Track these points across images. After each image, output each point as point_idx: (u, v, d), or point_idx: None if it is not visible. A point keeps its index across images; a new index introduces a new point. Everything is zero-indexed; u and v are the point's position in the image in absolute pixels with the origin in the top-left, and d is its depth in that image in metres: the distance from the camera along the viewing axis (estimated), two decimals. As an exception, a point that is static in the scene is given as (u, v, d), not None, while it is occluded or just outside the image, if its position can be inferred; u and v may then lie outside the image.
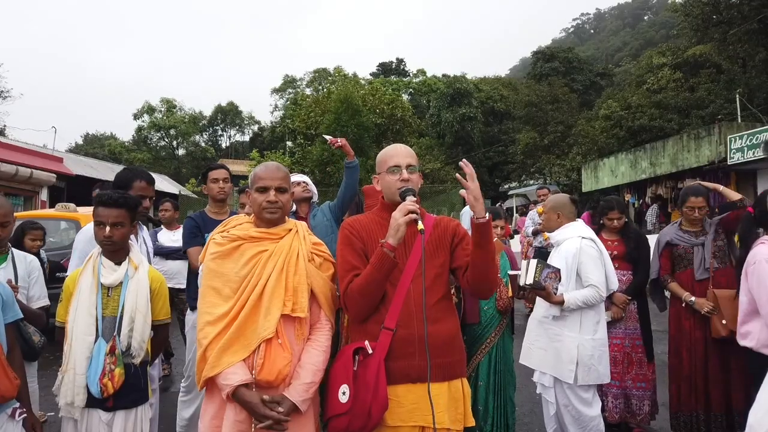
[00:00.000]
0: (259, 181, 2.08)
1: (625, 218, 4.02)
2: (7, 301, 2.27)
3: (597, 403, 3.29)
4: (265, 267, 2.03)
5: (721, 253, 3.75)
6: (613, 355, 3.80)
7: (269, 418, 1.87)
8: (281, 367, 1.94)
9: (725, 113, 21.27)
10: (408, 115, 25.38)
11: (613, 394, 3.83)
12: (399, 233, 1.92)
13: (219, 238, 2.10)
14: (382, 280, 1.96)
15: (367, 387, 1.90)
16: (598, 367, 3.24)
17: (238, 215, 2.30)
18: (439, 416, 1.94)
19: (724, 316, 3.50)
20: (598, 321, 3.32)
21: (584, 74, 36.94)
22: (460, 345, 2.13)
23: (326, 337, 2.10)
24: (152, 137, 48.97)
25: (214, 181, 3.74)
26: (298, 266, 2.06)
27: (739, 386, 3.55)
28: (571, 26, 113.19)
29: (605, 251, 3.46)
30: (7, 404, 2.16)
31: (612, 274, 3.44)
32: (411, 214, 1.91)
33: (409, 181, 2.09)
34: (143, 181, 3.05)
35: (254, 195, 2.09)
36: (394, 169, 2.11)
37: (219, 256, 2.06)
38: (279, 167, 2.15)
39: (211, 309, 2.00)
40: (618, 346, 3.88)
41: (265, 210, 2.08)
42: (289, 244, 2.09)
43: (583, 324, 3.28)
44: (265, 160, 22.58)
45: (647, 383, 3.85)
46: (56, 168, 16.11)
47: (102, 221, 2.40)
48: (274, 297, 1.99)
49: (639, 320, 3.93)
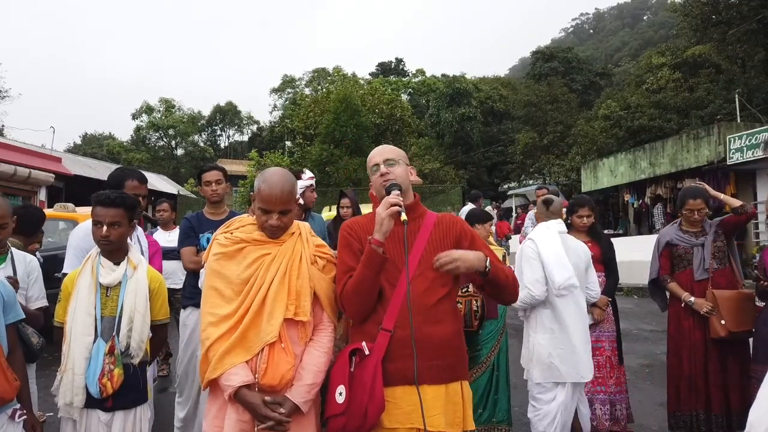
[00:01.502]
0: (262, 202, 2.04)
1: (593, 218, 4.01)
2: (8, 301, 2.27)
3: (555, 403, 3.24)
4: (269, 270, 2.02)
5: (720, 254, 3.75)
6: (596, 360, 3.77)
7: (271, 419, 1.87)
8: (284, 372, 1.94)
9: (724, 113, 21.28)
10: (407, 115, 25.32)
11: (600, 401, 3.81)
12: (384, 227, 1.94)
13: (222, 239, 2.10)
14: (373, 277, 1.96)
15: (364, 388, 1.89)
16: (559, 366, 3.22)
17: (241, 216, 2.28)
18: (435, 419, 1.92)
19: (723, 316, 3.50)
20: (558, 320, 3.28)
21: (583, 74, 36.95)
22: (461, 347, 2.10)
23: (328, 339, 2.09)
24: (151, 137, 48.94)
25: (207, 183, 3.72)
26: (301, 270, 2.05)
27: (737, 386, 3.56)
28: (571, 26, 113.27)
29: (553, 249, 3.31)
30: (7, 405, 2.16)
31: (554, 272, 3.27)
32: (393, 207, 1.92)
33: (390, 174, 2.10)
34: (135, 180, 3.05)
35: (258, 212, 2.07)
36: (374, 168, 2.15)
37: (222, 257, 2.05)
38: (284, 188, 2.03)
39: (214, 310, 2.00)
40: (600, 350, 3.86)
41: (266, 230, 2.08)
42: (292, 248, 2.08)
43: (538, 323, 3.37)
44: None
45: (622, 386, 3.87)
46: (55, 168, 16.08)
47: (99, 221, 2.40)
48: (277, 301, 1.99)
49: (615, 322, 3.96)
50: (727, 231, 3.78)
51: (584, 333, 3.34)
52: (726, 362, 3.60)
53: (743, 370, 3.59)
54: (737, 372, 3.58)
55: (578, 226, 3.97)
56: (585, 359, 3.28)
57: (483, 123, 34.94)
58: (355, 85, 27.11)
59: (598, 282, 3.60)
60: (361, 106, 20.85)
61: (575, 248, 3.48)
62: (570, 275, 3.26)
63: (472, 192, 10.46)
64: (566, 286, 3.24)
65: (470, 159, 33.45)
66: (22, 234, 3.69)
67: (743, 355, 3.64)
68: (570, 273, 3.26)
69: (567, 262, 3.29)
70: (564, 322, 3.26)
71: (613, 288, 4.00)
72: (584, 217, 3.97)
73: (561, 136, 27.30)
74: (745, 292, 3.67)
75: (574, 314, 3.30)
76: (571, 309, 3.30)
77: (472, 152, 33.41)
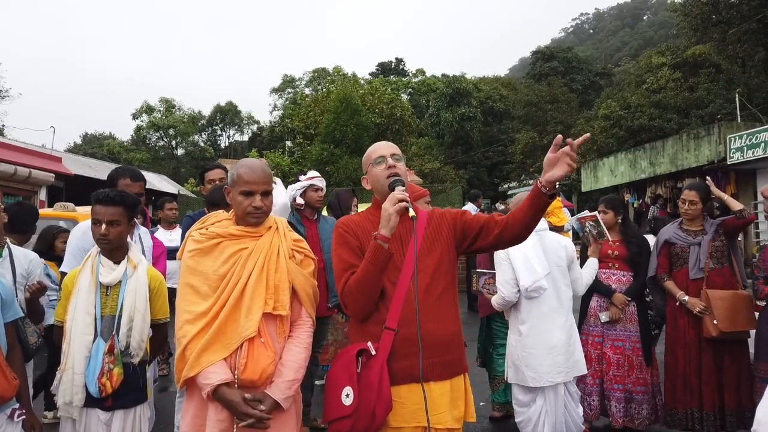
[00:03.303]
0: (244, 184, 2.02)
1: (613, 216, 4.03)
2: (6, 300, 2.26)
3: (535, 407, 3.23)
4: (246, 265, 2.00)
5: (718, 254, 3.74)
6: (616, 358, 3.82)
7: (251, 416, 1.86)
8: (265, 366, 1.93)
9: (724, 113, 21.26)
10: (407, 114, 25.32)
11: (616, 398, 3.81)
12: (391, 223, 1.91)
13: (197, 235, 2.07)
14: (377, 274, 1.93)
15: (371, 388, 1.87)
16: (524, 369, 3.21)
17: (217, 212, 2.24)
18: (442, 416, 1.93)
19: (716, 316, 3.50)
20: (527, 322, 3.26)
21: (583, 74, 36.94)
22: (462, 340, 2.11)
23: (307, 334, 2.08)
24: (151, 137, 48.92)
25: (211, 182, 3.74)
26: (279, 264, 2.04)
27: (731, 386, 3.56)
28: (571, 26, 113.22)
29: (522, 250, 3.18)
30: (6, 405, 2.16)
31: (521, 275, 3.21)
32: (401, 202, 1.90)
33: (396, 168, 2.06)
34: (127, 179, 3.06)
35: (238, 198, 2.04)
36: (380, 160, 2.09)
37: (197, 254, 2.03)
38: (264, 169, 2.09)
39: (190, 307, 1.98)
40: (619, 348, 3.87)
41: (250, 215, 2.04)
42: (269, 242, 2.06)
43: (511, 324, 3.40)
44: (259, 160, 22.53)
45: (646, 387, 3.83)
46: (55, 168, 16.06)
47: (98, 219, 2.40)
48: (255, 295, 1.97)
49: (639, 323, 3.92)
50: (728, 232, 3.78)
51: (562, 334, 3.26)
52: (721, 362, 3.60)
53: (740, 370, 3.60)
54: (734, 371, 3.58)
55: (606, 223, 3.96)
56: (557, 360, 3.21)
57: (483, 123, 34.91)
58: (355, 84, 27.11)
59: (580, 279, 3.56)
60: (361, 105, 20.83)
61: (554, 246, 3.42)
62: (537, 278, 3.20)
63: (472, 191, 10.46)
64: (534, 288, 3.20)
65: (470, 159, 33.44)
66: (15, 232, 3.68)
67: (740, 355, 3.64)
68: (538, 276, 3.21)
69: (537, 264, 3.23)
70: (533, 324, 3.25)
71: (637, 289, 3.96)
72: (601, 212, 4.02)
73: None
74: (741, 293, 3.66)
75: (546, 315, 3.25)
76: (543, 310, 3.25)
77: (472, 152, 33.38)
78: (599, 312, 3.93)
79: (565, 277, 3.41)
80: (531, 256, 3.24)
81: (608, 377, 3.83)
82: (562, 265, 3.41)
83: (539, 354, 3.20)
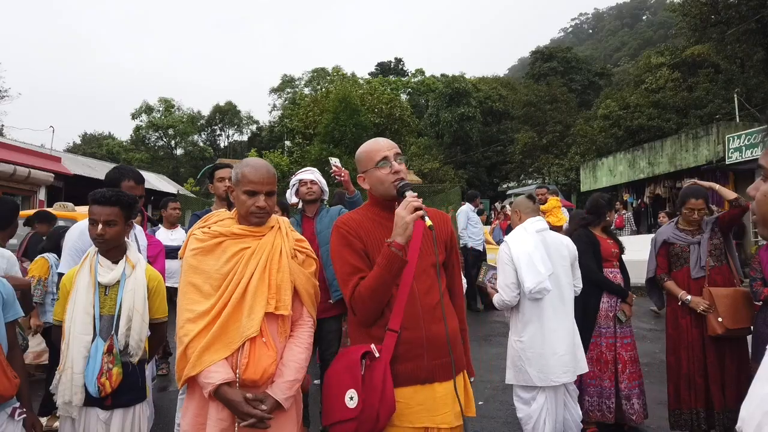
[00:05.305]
0: (248, 184, 2.02)
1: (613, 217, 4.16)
2: (7, 299, 2.27)
3: (536, 405, 3.24)
4: (248, 265, 1.99)
5: (717, 252, 3.76)
6: (628, 355, 3.93)
7: (252, 416, 1.85)
8: (266, 366, 1.92)
9: (723, 113, 21.30)
10: (406, 114, 25.36)
11: (636, 395, 3.88)
12: (408, 231, 1.86)
13: (200, 234, 2.06)
14: (391, 281, 1.91)
15: (375, 391, 1.85)
16: (527, 369, 3.21)
17: (219, 211, 2.23)
18: (446, 416, 1.94)
19: (720, 313, 3.50)
20: (531, 323, 3.26)
21: (583, 74, 36.96)
22: (461, 340, 2.13)
23: (308, 334, 2.08)
24: (150, 137, 48.85)
25: (221, 180, 3.79)
26: (281, 263, 2.03)
27: (733, 384, 3.56)
28: (570, 26, 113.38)
29: (527, 252, 3.22)
30: (7, 404, 2.16)
31: (525, 277, 3.19)
32: (417, 210, 1.87)
33: (402, 172, 2.04)
34: (131, 181, 3.04)
35: (242, 197, 2.03)
36: (384, 163, 2.02)
37: (200, 252, 2.02)
38: (268, 169, 2.08)
39: (192, 306, 1.97)
40: (629, 345, 3.96)
41: (253, 215, 2.04)
42: (271, 242, 2.06)
43: (511, 325, 3.41)
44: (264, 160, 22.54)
45: (640, 380, 3.96)
46: (54, 167, 16.06)
47: (95, 219, 2.39)
48: (257, 295, 1.96)
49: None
50: (724, 228, 3.79)
51: (566, 334, 3.26)
52: (723, 360, 3.61)
53: (740, 368, 3.60)
54: (734, 369, 3.59)
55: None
56: (564, 360, 3.22)
57: (482, 123, 34.91)
58: (355, 84, 27.13)
59: (579, 280, 3.58)
60: (360, 105, 20.86)
61: (557, 246, 3.41)
62: (541, 279, 3.17)
63: (469, 192, 10.44)
64: (538, 290, 3.18)
65: (469, 159, 33.45)
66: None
67: (740, 353, 3.64)
68: (542, 277, 3.18)
69: (541, 265, 3.21)
70: (538, 325, 3.24)
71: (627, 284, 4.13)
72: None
73: (560, 135, 27.33)
74: (742, 290, 3.67)
75: (551, 316, 3.25)
76: (548, 311, 3.25)
77: (471, 152, 33.38)
78: (614, 312, 3.96)
79: (568, 276, 3.42)
80: (535, 257, 3.24)
81: (624, 376, 3.87)
82: (565, 264, 3.41)
83: (545, 354, 3.20)
